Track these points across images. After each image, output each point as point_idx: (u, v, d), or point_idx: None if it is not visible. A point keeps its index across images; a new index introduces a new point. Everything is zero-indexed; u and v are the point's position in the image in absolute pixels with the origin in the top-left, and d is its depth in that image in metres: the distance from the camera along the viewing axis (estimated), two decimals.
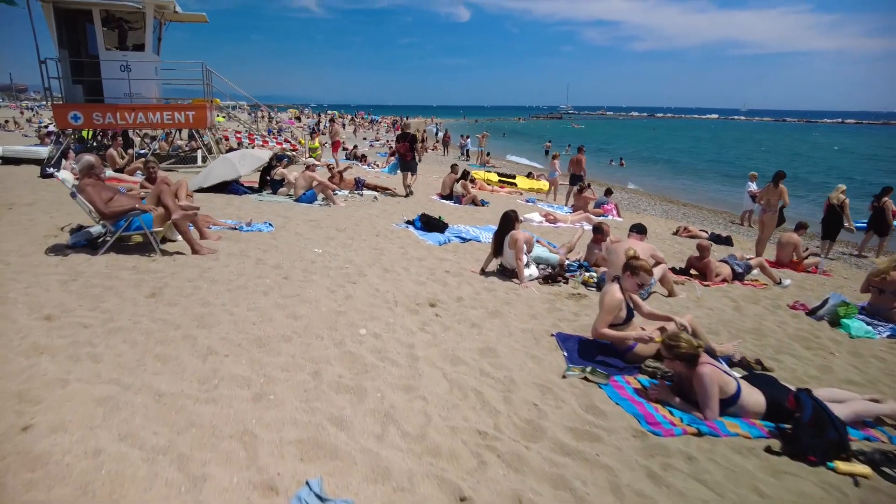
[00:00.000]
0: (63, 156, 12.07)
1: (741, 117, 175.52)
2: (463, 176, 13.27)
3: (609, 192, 14.16)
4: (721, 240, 11.30)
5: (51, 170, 10.47)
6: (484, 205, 12.57)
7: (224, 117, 28.05)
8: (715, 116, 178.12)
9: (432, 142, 36.69)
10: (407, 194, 12.63)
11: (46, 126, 20.37)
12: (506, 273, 6.22)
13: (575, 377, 3.61)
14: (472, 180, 15.03)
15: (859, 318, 5.78)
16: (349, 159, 21.05)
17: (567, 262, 6.60)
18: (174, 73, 16.93)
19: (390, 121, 57.30)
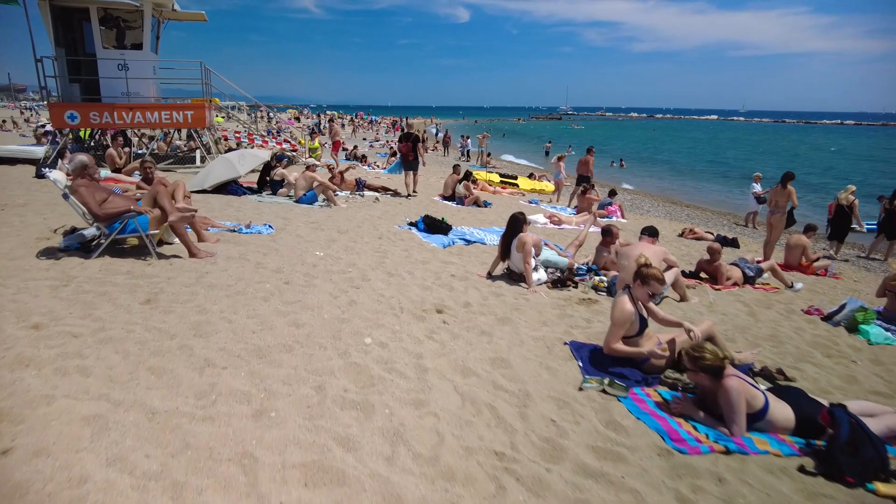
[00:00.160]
0: (59, 156, 11.86)
1: (740, 118, 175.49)
2: (465, 177, 13.09)
3: (613, 194, 13.98)
4: (727, 242, 11.12)
5: (45, 170, 10.26)
6: (486, 206, 12.39)
7: (223, 117, 27.85)
8: (714, 117, 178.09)
9: (432, 142, 36.52)
10: (408, 194, 12.49)
11: (44, 126, 20.14)
12: (513, 277, 6.03)
13: (592, 389, 3.43)
14: (475, 181, 14.85)
15: (877, 324, 5.62)
16: (349, 160, 20.86)
17: (576, 266, 6.42)
18: (173, 73, 16.78)
19: (390, 121, 57.06)
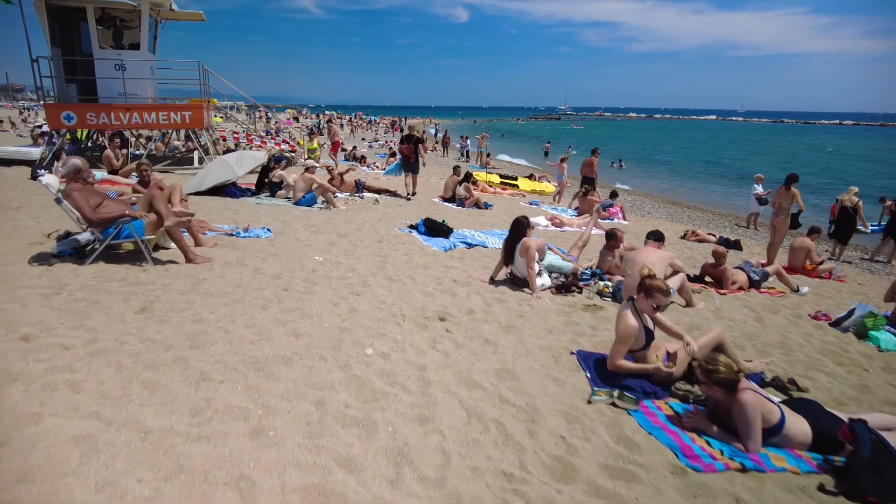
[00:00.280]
0: (55, 157, 11.74)
1: (739, 118, 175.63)
2: (465, 178, 12.99)
3: (614, 195, 13.88)
4: (730, 244, 11.02)
5: (40, 172, 10.13)
6: (487, 207, 12.29)
7: (222, 117, 27.72)
8: (713, 117, 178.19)
9: (431, 143, 36.40)
10: (408, 196, 12.44)
11: (40, 126, 20.00)
12: (516, 282, 5.92)
13: (602, 402, 3.32)
14: (475, 182, 14.75)
15: (886, 330, 5.52)
16: (348, 160, 20.74)
17: (580, 271, 6.31)
18: (170, 73, 16.64)
19: (389, 121, 56.89)
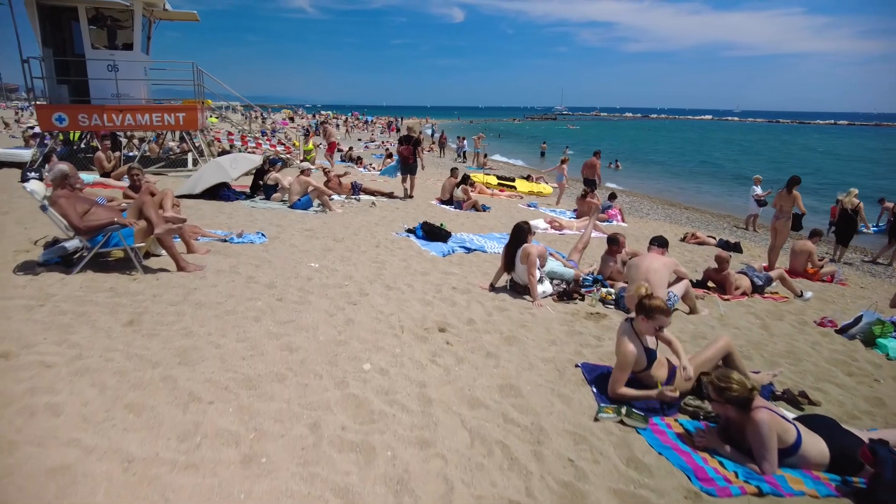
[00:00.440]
0: (46, 160, 11.53)
1: (735, 118, 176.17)
2: (463, 180, 12.86)
3: (613, 197, 13.77)
4: (730, 246, 10.94)
5: (31, 174, 9.94)
6: (485, 210, 12.16)
7: (217, 118, 27.51)
8: (709, 117, 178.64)
9: (428, 143, 36.24)
10: (405, 196, 12.44)
11: (32, 127, 19.76)
12: (517, 289, 5.79)
13: (609, 420, 3.19)
14: (472, 184, 14.63)
15: (894, 337, 5.41)
16: (344, 161, 20.57)
17: (582, 277, 6.18)
18: (164, 74, 16.47)
19: (385, 122, 56.67)
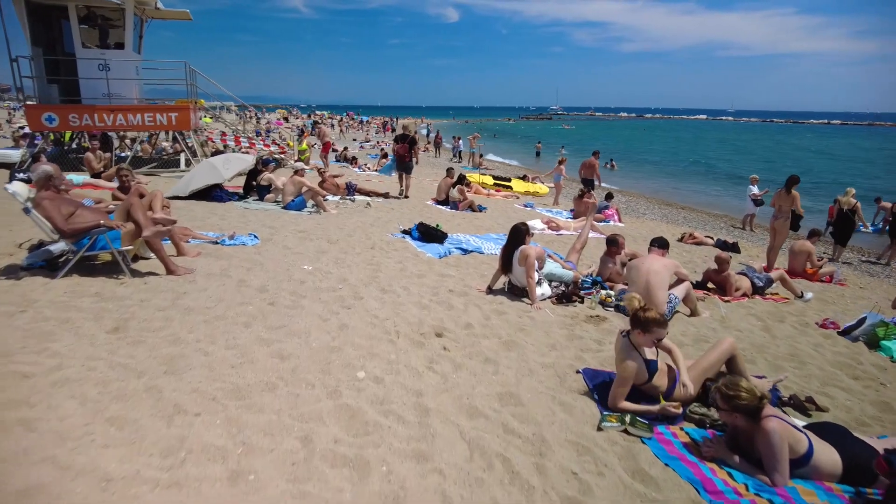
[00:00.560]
0: (35, 160, 11.34)
1: (729, 118, 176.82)
2: (459, 180, 12.74)
3: (609, 197, 13.68)
4: (728, 246, 10.86)
5: (19, 175, 9.75)
6: (481, 210, 12.05)
7: (211, 118, 27.29)
8: (703, 117, 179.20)
9: (423, 143, 36.10)
10: (400, 193, 12.44)
11: (23, 127, 19.51)
12: (515, 291, 5.67)
13: (613, 429, 3.07)
14: (468, 184, 14.50)
15: None
16: (339, 161, 20.41)
17: (580, 279, 6.07)
18: (157, 73, 16.27)
19: (380, 122, 56.45)
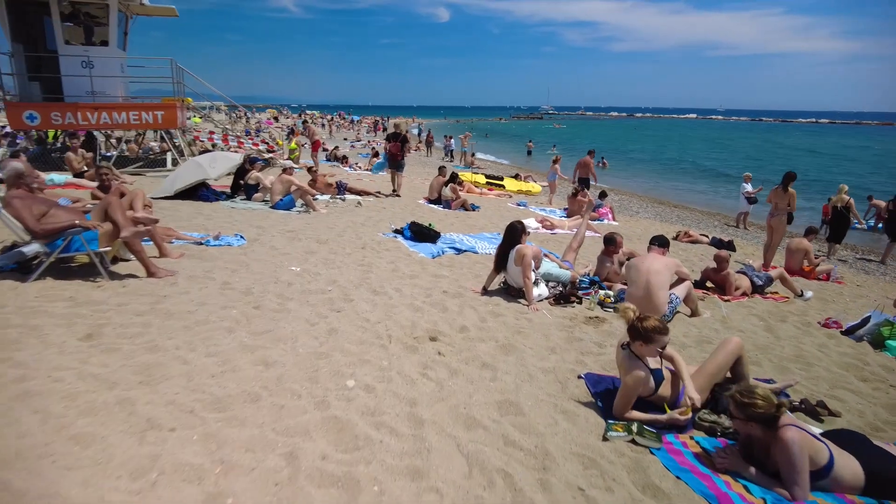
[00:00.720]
0: (14, 158, 11.00)
1: (718, 117, 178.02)
2: (451, 179, 12.56)
3: (603, 195, 13.55)
4: (723, 244, 10.75)
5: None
6: (474, 209, 11.87)
7: (201, 118, 26.92)
8: (693, 116, 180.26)
9: (415, 143, 35.87)
10: (392, 191, 12.38)
11: (3, 126, 19.06)
12: (511, 292, 5.49)
13: (619, 439, 2.89)
14: (461, 183, 14.32)
15: None
16: (329, 160, 20.15)
17: (578, 279, 5.89)
18: (143, 72, 15.92)
19: (371, 121, 56.10)
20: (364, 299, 4.80)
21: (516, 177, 19.60)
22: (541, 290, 5.42)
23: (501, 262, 5.50)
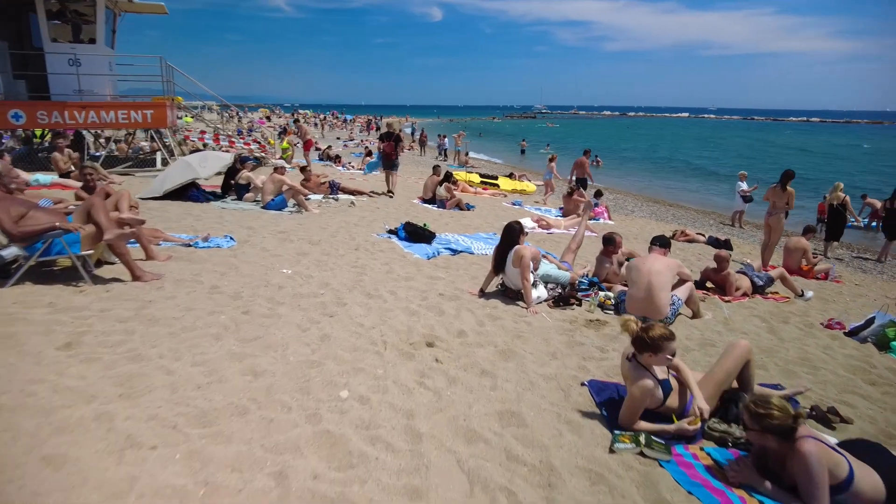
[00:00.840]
0: None
1: (711, 115, 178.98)
2: (446, 178, 12.40)
3: (599, 194, 13.43)
4: (720, 243, 10.66)
5: None
6: (469, 209, 11.72)
7: (192, 118, 26.60)
8: (686, 115, 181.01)
9: (408, 142, 35.67)
10: (387, 191, 12.27)
11: None
12: (509, 294, 5.35)
13: (627, 451, 2.75)
14: (455, 182, 14.17)
15: None
16: (322, 160, 19.94)
17: (577, 280, 5.75)
18: (131, 70, 15.64)
19: (364, 120, 55.82)
20: (358, 303, 4.64)
21: (511, 176, 19.47)
22: (539, 292, 5.29)
23: (499, 264, 5.36)
